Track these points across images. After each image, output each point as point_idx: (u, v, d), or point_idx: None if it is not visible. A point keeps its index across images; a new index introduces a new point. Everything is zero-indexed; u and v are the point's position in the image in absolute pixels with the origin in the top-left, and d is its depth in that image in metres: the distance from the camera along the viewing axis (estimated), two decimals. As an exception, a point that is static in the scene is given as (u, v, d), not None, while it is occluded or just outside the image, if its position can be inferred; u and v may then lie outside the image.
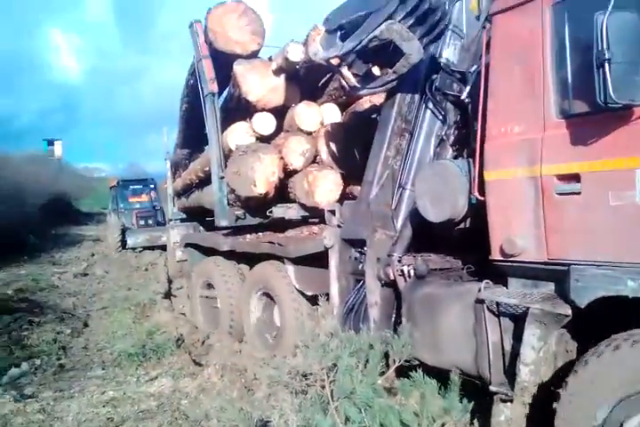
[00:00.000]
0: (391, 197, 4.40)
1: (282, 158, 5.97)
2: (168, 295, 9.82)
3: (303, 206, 6.16)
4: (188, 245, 8.53)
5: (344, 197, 6.01)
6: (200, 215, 9.37)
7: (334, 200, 5.79)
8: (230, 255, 6.91)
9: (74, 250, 20.34)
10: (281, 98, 6.30)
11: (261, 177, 5.77)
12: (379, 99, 5.54)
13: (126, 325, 7.71)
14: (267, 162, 5.80)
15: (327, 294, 4.71)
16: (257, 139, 6.35)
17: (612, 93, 2.42)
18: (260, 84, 6.15)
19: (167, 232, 11.25)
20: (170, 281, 11.06)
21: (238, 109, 6.62)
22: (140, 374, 5.81)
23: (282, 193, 6.22)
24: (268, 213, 6.24)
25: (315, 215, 6.17)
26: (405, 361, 3.54)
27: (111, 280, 13.10)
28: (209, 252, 7.56)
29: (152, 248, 17.79)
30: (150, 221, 20.34)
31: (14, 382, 5.73)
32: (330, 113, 6.45)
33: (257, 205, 6.23)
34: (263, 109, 6.32)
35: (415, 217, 4.05)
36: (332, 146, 6.08)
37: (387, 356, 3.64)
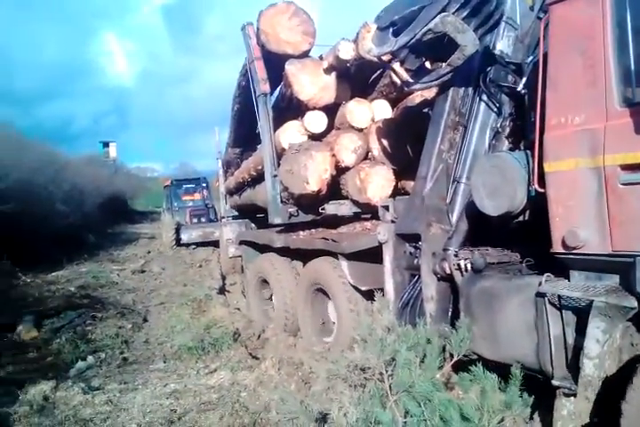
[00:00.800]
0: (446, 191, 4.37)
1: (334, 156, 6.01)
2: (222, 291, 10.05)
3: (355, 203, 6.21)
4: (242, 242, 8.73)
5: (396, 192, 6.02)
6: (252, 213, 9.59)
7: (386, 196, 5.81)
8: (284, 252, 7.00)
9: (131, 248, 21.00)
10: (332, 96, 6.35)
11: (314, 175, 5.82)
12: (430, 93, 5.51)
13: (184, 319, 7.93)
14: (319, 159, 5.86)
15: (382, 290, 4.72)
16: (309, 137, 6.42)
17: (677, 79, 2.35)
18: (312, 83, 6.22)
19: (220, 229, 11.65)
20: (224, 277, 11.31)
21: (290, 108, 6.70)
22: (199, 367, 5.96)
23: (334, 190, 6.26)
24: (320, 210, 6.33)
25: (367, 211, 6.20)
26: (464, 356, 3.51)
27: (167, 277, 13.50)
28: (263, 249, 7.68)
29: (205, 245, 18.24)
30: (203, 219, 20.95)
31: (81, 375, 5.98)
32: (381, 109, 6.47)
33: (310, 203, 6.29)
34: (314, 108, 6.39)
35: (471, 211, 4.01)
36: (384, 142, 6.07)
37: (444, 350, 3.62)
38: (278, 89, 7.08)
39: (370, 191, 5.94)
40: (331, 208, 6.32)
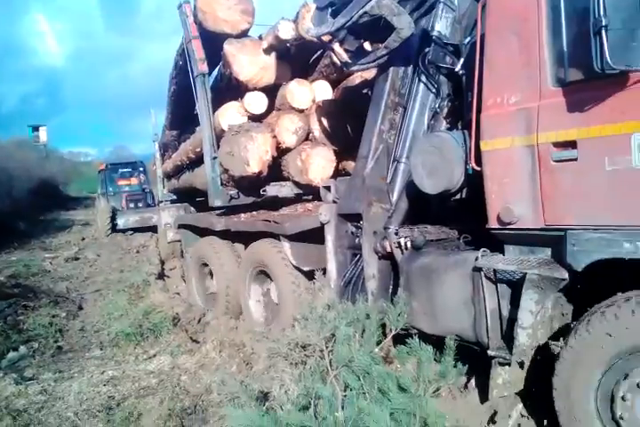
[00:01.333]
0: (386, 171, 4.42)
1: (274, 137, 5.95)
2: (161, 276, 9.83)
3: (297, 184, 6.20)
4: (181, 226, 8.54)
5: (337, 173, 6.05)
6: (191, 196, 9.38)
7: (328, 177, 5.81)
8: (225, 235, 6.91)
9: (64, 235, 20.16)
10: (272, 76, 6.27)
11: (255, 156, 5.77)
12: (370, 74, 5.53)
13: (121, 306, 7.69)
14: (259, 141, 5.79)
15: (324, 270, 4.76)
16: (249, 118, 6.30)
17: (609, 59, 2.44)
18: (251, 64, 6.10)
19: (158, 213, 11.26)
20: (162, 262, 11.07)
21: (229, 89, 6.57)
22: (138, 353, 5.84)
23: (275, 171, 6.21)
24: (261, 192, 6.26)
25: (308, 193, 6.19)
26: (402, 330, 3.60)
27: (103, 263, 13.08)
28: (203, 232, 7.55)
29: (143, 230, 17.60)
30: (140, 204, 20.22)
31: (14, 366, 5.74)
32: (321, 90, 6.45)
33: (250, 185, 6.23)
34: (254, 88, 6.29)
35: (411, 190, 4.09)
36: (325, 123, 6.07)
37: (384, 326, 3.69)
38: (217, 69, 6.94)
39: (311, 172, 5.93)
40: (272, 190, 6.27)
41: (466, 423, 3.38)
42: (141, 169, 21.94)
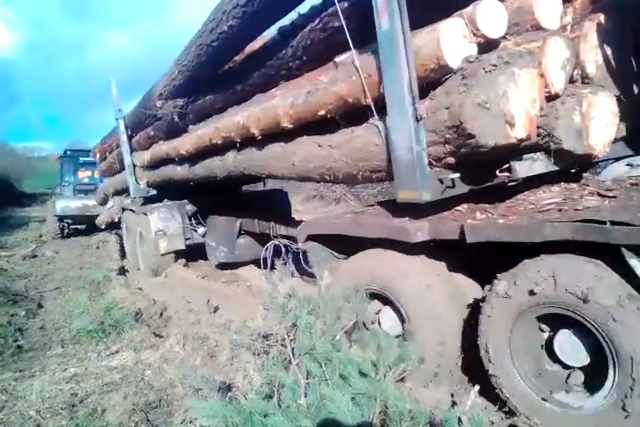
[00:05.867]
0: None
1: (542, 76, 3.39)
2: (122, 271, 9.74)
3: (562, 155, 3.54)
4: (312, 237, 4.71)
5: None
6: (194, 191, 8.35)
7: (609, 142, 3.70)
8: (417, 248, 3.81)
9: (20, 232, 19.62)
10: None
11: (520, 110, 3.20)
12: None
13: (82, 303, 7.63)
14: (525, 82, 3.25)
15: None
16: (479, 47, 3.43)
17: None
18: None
19: (138, 216, 9.45)
20: (122, 258, 10.99)
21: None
22: (100, 350, 5.80)
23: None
24: (498, 173, 3.50)
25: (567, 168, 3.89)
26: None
27: (62, 260, 12.84)
28: (349, 246, 4.42)
29: (92, 230, 16.22)
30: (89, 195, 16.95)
31: (-30, 366, 5.63)
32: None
33: (485, 162, 3.52)
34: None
35: None
36: (604, 50, 3.75)
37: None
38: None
39: (593, 135, 3.54)
40: (522, 168, 3.50)
41: (426, 406, 3.50)
42: None
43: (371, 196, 16.20)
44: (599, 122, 3.57)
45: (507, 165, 3.45)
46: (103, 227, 14.17)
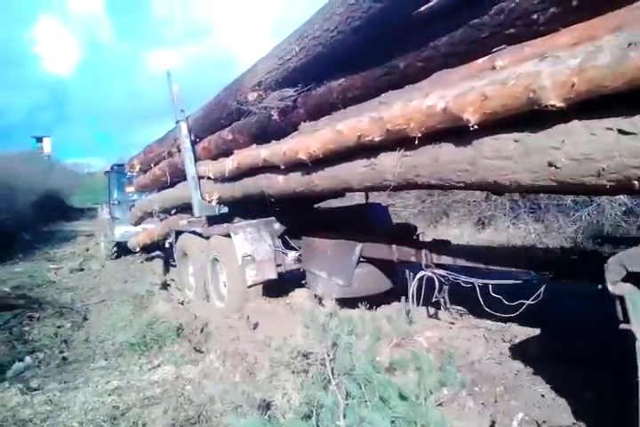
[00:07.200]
0: None
1: None
2: (165, 286, 9.89)
3: None
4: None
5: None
6: (277, 206, 6.81)
7: None
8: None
9: (68, 246, 20.28)
10: None
11: None
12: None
13: (125, 316, 7.79)
14: None
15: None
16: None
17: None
18: None
19: (214, 238, 7.72)
20: (166, 272, 11.14)
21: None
22: (142, 363, 5.87)
23: None
24: None
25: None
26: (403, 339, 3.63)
27: (107, 274, 13.19)
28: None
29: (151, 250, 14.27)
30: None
31: (19, 376, 5.78)
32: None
33: None
34: None
35: None
36: None
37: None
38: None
39: None
40: None
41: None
42: None
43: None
44: None
45: None
46: (137, 250, 13.41)
